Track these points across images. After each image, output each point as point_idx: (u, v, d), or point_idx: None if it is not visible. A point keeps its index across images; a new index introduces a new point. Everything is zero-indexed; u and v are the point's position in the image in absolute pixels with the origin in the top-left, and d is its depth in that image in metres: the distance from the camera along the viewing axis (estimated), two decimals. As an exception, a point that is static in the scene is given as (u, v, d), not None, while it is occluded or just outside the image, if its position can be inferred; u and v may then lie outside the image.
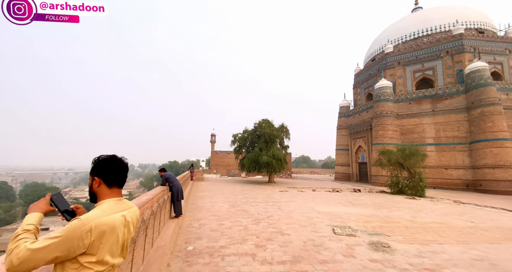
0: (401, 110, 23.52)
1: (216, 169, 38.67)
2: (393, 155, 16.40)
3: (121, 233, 1.13)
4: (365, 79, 30.06)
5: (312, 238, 5.55)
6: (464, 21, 23.51)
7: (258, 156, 20.95)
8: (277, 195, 13.86)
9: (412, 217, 8.38)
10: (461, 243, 5.44)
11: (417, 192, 14.86)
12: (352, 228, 6.60)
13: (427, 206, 11.07)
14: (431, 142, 21.48)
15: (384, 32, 29.95)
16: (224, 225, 6.58)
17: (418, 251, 4.86)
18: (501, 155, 17.73)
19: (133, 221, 1.25)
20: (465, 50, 21.48)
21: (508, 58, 22.02)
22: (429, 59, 23.37)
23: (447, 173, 20.43)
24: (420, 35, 25.37)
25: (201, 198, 11.92)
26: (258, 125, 23.65)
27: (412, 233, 6.26)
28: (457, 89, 20.88)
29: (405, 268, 4.00)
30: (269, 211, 8.72)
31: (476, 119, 19.31)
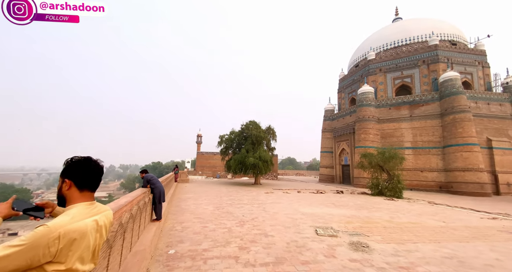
0: (381, 115, 24.61)
1: (201, 170, 38.04)
2: (374, 158, 17.09)
3: (93, 238, 1.08)
4: (349, 84, 31.15)
5: (296, 239, 5.63)
6: (439, 33, 25.18)
7: (244, 158, 20.92)
8: (262, 196, 13.90)
9: (390, 217, 8.77)
10: (433, 242, 5.77)
11: (395, 193, 15.57)
12: (334, 228, 6.77)
13: (404, 207, 11.62)
14: (408, 146, 22.67)
15: (367, 40, 31.27)
16: (208, 227, 6.49)
17: (395, 250, 5.09)
18: (470, 159, 19.10)
19: (106, 225, 1.20)
20: (439, 60, 22.99)
21: (477, 69, 23.85)
22: (407, 67, 24.74)
23: (423, 175, 21.63)
24: (399, 44, 26.81)
25: (185, 200, 11.66)
26: (245, 126, 23.66)
27: (390, 233, 6.55)
28: (432, 96, 22.26)
29: (382, 267, 4.17)
30: (254, 213, 8.72)
31: (448, 125, 20.67)
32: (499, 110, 22.07)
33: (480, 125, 21.11)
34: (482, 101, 21.99)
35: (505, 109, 22.20)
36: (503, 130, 21.65)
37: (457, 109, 20.27)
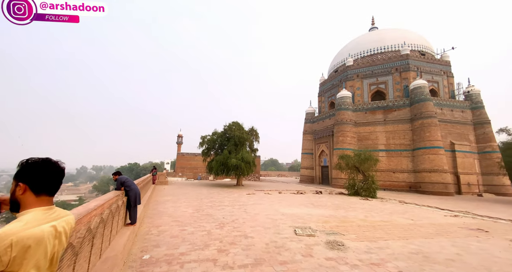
0: (358, 118, 25.85)
1: (182, 172, 36.99)
2: (350, 160, 17.87)
3: (50, 245, 1.00)
4: (329, 89, 32.33)
5: (275, 240, 5.69)
6: (409, 43, 27.12)
7: (227, 159, 20.73)
8: (244, 198, 13.86)
9: (365, 216, 9.21)
10: (402, 239, 6.16)
11: (370, 193, 16.39)
12: (312, 228, 6.96)
13: (377, 206, 12.28)
14: (382, 148, 24.03)
15: (346, 47, 32.74)
16: (186, 230, 6.32)
17: (368, 247, 5.35)
18: (436, 161, 20.74)
19: (66, 231, 1.12)
20: (410, 68, 24.76)
21: (443, 78, 26.05)
22: (382, 74, 26.32)
23: (395, 176, 23.05)
24: (375, 52, 28.44)
25: (163, 203, 11.26)
26: (228, 127, 23.49)
27: (364, 231, 6.88)
28: (404, 102, 23.88)
29: (355, 264, 4.36)
30: (235, 215, 8.67)
31: (417, 129, 22.29)
32: (461, 116, 24.28)
33: (445, 129, 23.03)
34: (446, 107, 24.02)
35: (466, 116, 24.48)
36: (464, 135, 23.83)
37: (425, 115, 21.95)
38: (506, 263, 4.65)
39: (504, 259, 4.91)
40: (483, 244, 5.96)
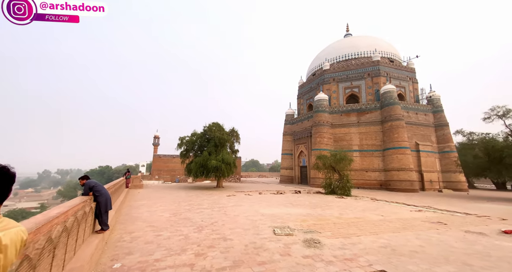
0: (334, 120, 27.04)
1: (158, 174, 35.48)
2: (327, 160, 18.60)
3: None
4: (307, 91, 33.38)
5: (254, 241, 5.70)
6: (380, 51, 29.08)
7: (206, 160, 20.32)
8: (224, 200, 13.70)
9: (340, 214, 9.64)
10: (373, 234, 6.55)
11: (345, 192, 17.20)
12: (291, 227, 7.10)
13: (352, 204, 12.92)
14: (356, 149, 25.38)
15: (323, 51, 34.09)
16: (162, 235, 6.08)
17: (342, 244, 5.61)
18: (403, 160, 22.42)
19: (14, 244, 1.01)
20: (380, 74, 26.54)
21: (409, 83, 28.30)
22: (356, 79, 27.86)
23: (367, 175, 24.46)
24: (350, 58, 30.03)
25: (137, 207, 10.69)
26: (208, 128, 23.06)
27: (339, 228, 7.19)
28: (375, 105, 25.50)
29: (330, 260, 4.55)
30: (214, 217, 8.53)
31: (387, 131, 23.93)
32: (425, 119, 26.57)
33: (411, 131, 25.01)
34: (412, 111, 26.13)
35: (429, 119, 26.84)
36: (427, 136, 26.09)
37: (394, 117, 23.65)
38: (462, 252, 5.18)
39: (460, 249, 5.45)
40: (442, 236, 6.57)
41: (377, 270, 4.10)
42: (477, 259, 4.74)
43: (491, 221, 8.78)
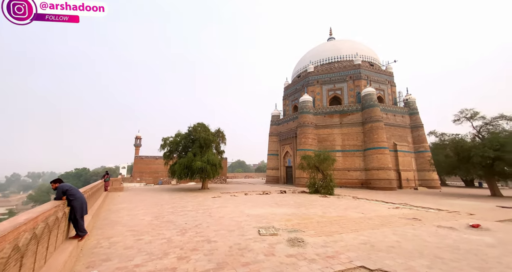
0: (318, 121, 27.72)
1: (140, 176, 34.22)
2: (311, 160, 19.01)
3: None
4: (293, 93, 33.93)
5: (238, 242, 5.68)
6: (361, 55, 30.30)
7: (191, 162, 19.92)
8: (209, 201, 13.51)
9: (323, 213, 9.88)
10: (354, 231, 6.80)
11: (328, 191, 17.67)
12: (275, 227, 7.17)
13: (334, 202, 13.30)
14: (339, 149, 26.20)
15: (308, 53, 34.85)
16: (143, 240, 5.86)
17: (324, 242, 5.75)
18: (382, 160, 23.48)
19: None
20: (361, 77, 27.64)
21: (387, 87, 29.73)
22: (338, 81, 28.79)
23: (349, 174, 25.32)
24: (333, 61, 30.99)
25: (117, 211, 10.23)
26: (193, 129, 22.62)
27: (322, 227, 7.37)
28: (356, 107, 26.50)
29: (313, 258, 4.65)
30: (198, 220, 8.38)
31: (367, 132, 24.95)
32: (402, 121, 28.04)
33: (389, 132, 26.27)
34: (390, 113, 27.46)
35: (406, 120, 28.37)
36: (404, 137, 27.55)
37: (374, 119, 24.72)
38: (434, 246, 5.52)
39: (433, 243, 5.81)
40: (417, 231, 6.96)
41: (357, 266, 4.26)
42: (447, 252, 5.08)
43: (460, 216, 9.45)
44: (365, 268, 4.22)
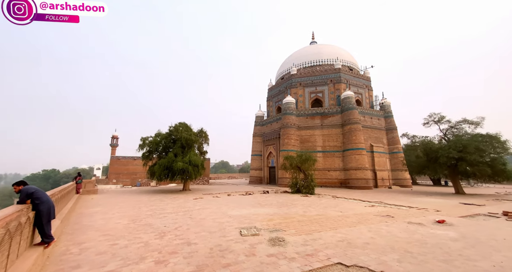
0: (301, 123, 28.36)
1: (117, 178, 32.53)
2: (293, 160, 19.38)
3: None
4: (276, 94, 34.37)
5: (220, 243, 5.62)
6: (341, 59, 31.55)
7: (172, 162, 19.32)
8: (190, 203, 13.20)
9: (304, 212, 10.12)
10: (332, 229, 7.04)
11: (309, 190, 18.12)
12: (257, 227, 7.20)
13: (315, 202, 13.67)
14: (319, 150, 27.01)
15: (291, 56, 35.53)
16: (118, 244, 5.58)
17: (304, 240, 5.89)
18: (360, 160, 24.60)
19: None
20: (341, 81, 28.78)
21: (365, 91, 31.24)
22: (320, 84, 29.72)
23: (329, 174, 26.19)
24: (315, 64, 31.91)
25: (90, 215, 9.63)
26: (174, 128, 21.96)
27: (302, 225, 7.54)
28: (336, 109, 27.52)
29: (293, 257, 4.74)
30: (178, 222, 8.16)
31: (346, 133, 26.02)
32: (378, 123, 29.60)
33: (366, 134, 27.60)
34: (367, 115, 28.87)
35: (381, 123, 29.99)
36: (380, 138, 29.10)
37: (352, 121, 25.84)
38: (404, 241, 5.89)
39: (403, 238, 6.20)
40: (389, 227, 7.39)
41: (334, 263, 4.42)
42: (416, 247, 5.45)
43: (428, 213, 10.19)
44: (342, 264, 4.39)
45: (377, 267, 4.23)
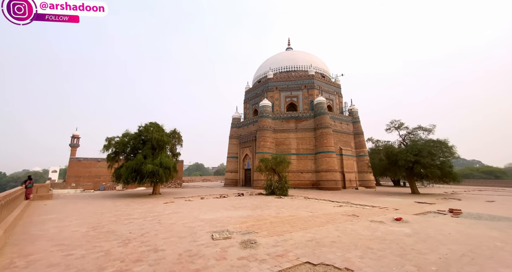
0: (276, 126, 28.98)
1: (76, 181, 29.58)
2: (268, 162, 19.67)
3: None
4: (253, 97, 34.67)
5: (189, 249, 5.45)
6: (315, 66, 33.11)
7: (141, 164, 18.17)
8: (160, 208, 12.55)
9: (277, 213, 10.30)
10: (303, 230, 7.28)
11: (283, 192, 18.52)
12: (230, 230, 7.13)
13: (288, 203, 14.00)
14: (294, 152, 27.85)
15: (268, 60, 36.24)
16: (74, 255, 5.07)
17: (275, 241, 6.00)
18: (330, 163, 25.90)
19: None
20: (314, 87, 30.16)
21: (336, 97, 33.13)
22: (295, 89, 30.78)
23: (302, 176, 27.10)
24: (290, 69, 33.01)
25: (41, 223, 8.61)
26: (145, 128, 20.67)
27: (274, 227, 7.67)
28: (310, 114, 28.71)
29: (264, 258, 4.79)
30: (145, 228, 7.70)
31: (318, 137, 27.26)
32: (346, 128, 31.54)
33: (336, 138, 29.22)
34: (337, 120, 30.62)
35: (349, 128, 32.02)
36: (348, 142, 31.01)
37: (324, 125, 27.18)
38: (366, 239, 6.33)
39: (366, 235, 6.66)
40: (354, 226, 7.88)
41: (303, 262, 4.58)
42: (376, 243, 5.89)
43: (389, 211, 11.10)
44: (310, 263, 4.56)
45: (342, 264, 4.48)
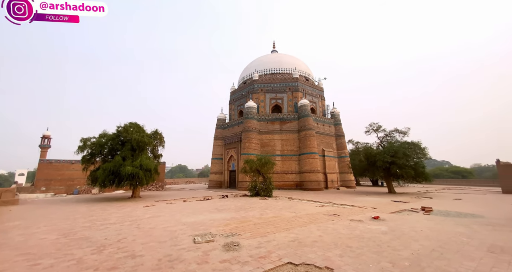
0: (261, 127, 29.13)
1: (47, 185, 27.55)
2: (253, 164, 19.69)
3: None
4: (238, 98, 34.59)
5: (170, 253, 5.27)
6: (299, 69, 33.84)
7: (119, 167, 17.31)
8: (139, 211, 12.04)
9: (261, 214, 10.31)
10: (286, 230, 7.35)
11: (267, 193, 18.61)
12: (212, 233, 7.01)
13: (272, 204, 14.09)
14: (278, 154, 28.15)
15: (253, 62, 36.41)
16: (41, 264, 4.70)
17: (259, 243, 5.99)
18: (313, 164, 26.51)
19: None
20: (298, 90, 30.80)
21: (319, 100, 34.06)
22: (280, 91, 31.21)
23: (286, 177, 27.46)
24: (275, 72, 33.43)
25: (4, 231, 7.89)
26: (124, 129, 19.71)
27: (258, 228, 7.67)
28: (294, 116, 29.24)
29: (247, 260, 4.77)
30: (123, 233, 7.33)
31: (302, 138, 27.81)
32: (329, 130, 32.52)
33: (319, 139, 30.01)
34: (320, 123, 31.48)
35: (331, 130, 33.03)
36: (330, 144, 31.97)
37: (307, 127, 27.79)
38: (346, 237, 6.54)
39: (345, 234, 6.88)
40: (335, 225, 8.12)
41: (285, 263, 4.62)
42: (355, 241, 6.11)
43: (367, 210, 11.57)
44: (292, 264, 4.61)
45: (322, 263, 4.59)
